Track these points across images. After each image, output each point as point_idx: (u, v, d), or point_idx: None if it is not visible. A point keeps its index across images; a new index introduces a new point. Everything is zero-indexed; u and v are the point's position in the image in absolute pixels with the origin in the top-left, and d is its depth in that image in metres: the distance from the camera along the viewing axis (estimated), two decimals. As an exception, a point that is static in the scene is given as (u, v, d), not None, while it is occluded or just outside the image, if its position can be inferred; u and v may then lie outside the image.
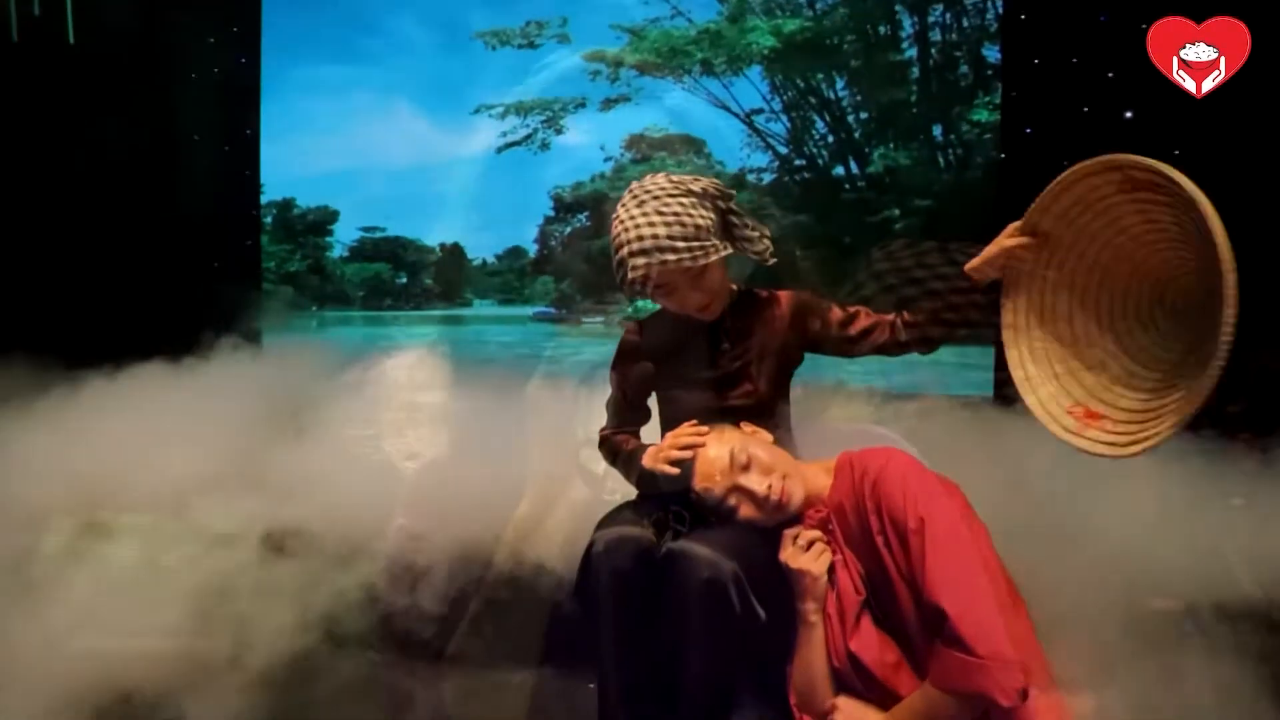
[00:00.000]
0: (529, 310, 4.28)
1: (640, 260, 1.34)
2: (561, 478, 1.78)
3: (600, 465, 1.53)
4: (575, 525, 1.62)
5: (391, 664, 1.71)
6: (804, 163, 3.95)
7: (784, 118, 3.95)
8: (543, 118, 4.12)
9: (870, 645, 1.23)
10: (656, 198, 1.37)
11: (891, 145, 3.81)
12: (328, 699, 1.62)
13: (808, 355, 1.52)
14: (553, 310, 4.23)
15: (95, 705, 1.54)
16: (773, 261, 1.45)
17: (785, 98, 3.95)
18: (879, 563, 1.23)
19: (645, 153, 4.08)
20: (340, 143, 4.13)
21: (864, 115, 3.88)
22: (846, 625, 1.25)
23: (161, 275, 3.81)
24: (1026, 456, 1.75)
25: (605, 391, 1.55)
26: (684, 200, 1.36)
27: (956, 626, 1.09)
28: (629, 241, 1.36)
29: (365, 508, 1.94)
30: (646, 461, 1.39)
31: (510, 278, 4.29)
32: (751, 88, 3.95)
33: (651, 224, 1.35)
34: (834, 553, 1.29)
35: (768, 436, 1.39)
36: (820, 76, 3.92)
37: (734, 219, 1.43)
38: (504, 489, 1.90)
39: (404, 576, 1.76)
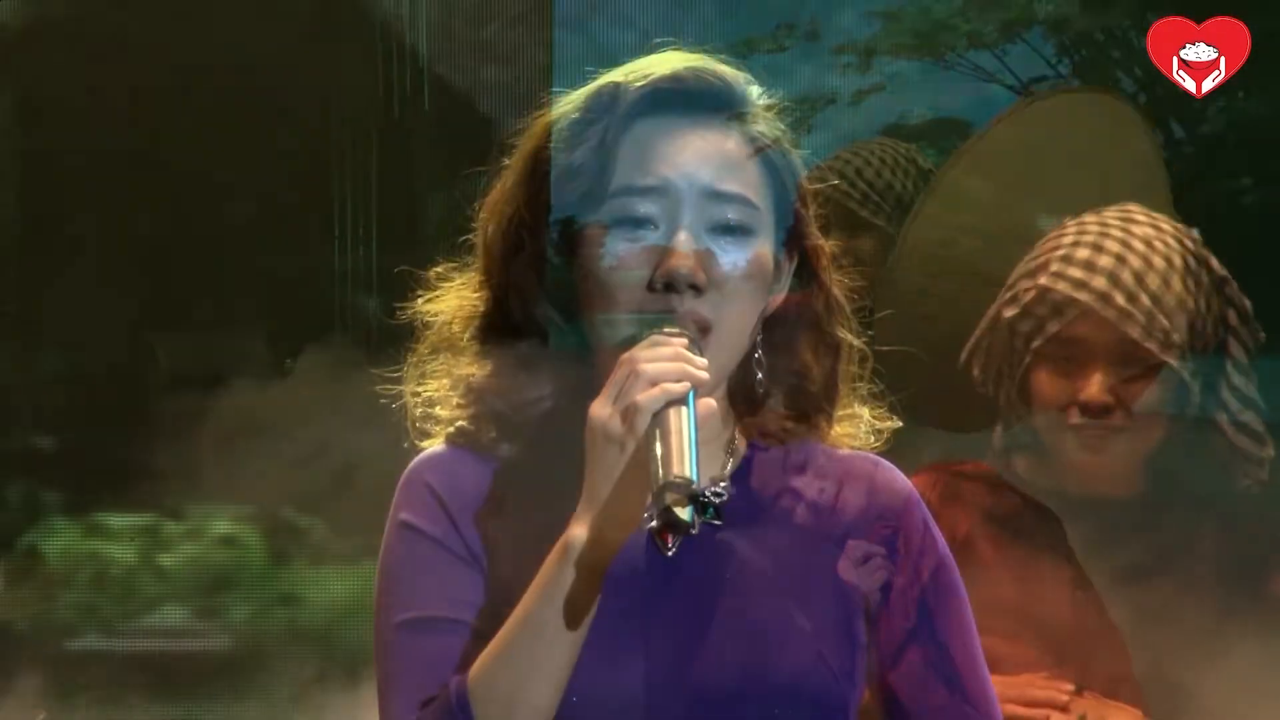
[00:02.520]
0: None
1: None
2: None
3: None
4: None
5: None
6: (1102, 132, 3.23)
7: (1075, 82, 3.29)
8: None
9: None
10: None
11: (1240, 94, 2.90)
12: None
13: None
14: (800, 315, 4.15)
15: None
16: None
17: (1077, 58, 3.30)
18: None
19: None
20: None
21: (1193, 62, 3.04)
22: None
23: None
24: None
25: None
26: None
27: None
28: None
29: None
30: None
31: (759, 283, 4.32)
32: (1032, 53, 3.37)
33: None
34: None
35: None
36: (1128, 24, 3.18)
37: None
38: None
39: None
